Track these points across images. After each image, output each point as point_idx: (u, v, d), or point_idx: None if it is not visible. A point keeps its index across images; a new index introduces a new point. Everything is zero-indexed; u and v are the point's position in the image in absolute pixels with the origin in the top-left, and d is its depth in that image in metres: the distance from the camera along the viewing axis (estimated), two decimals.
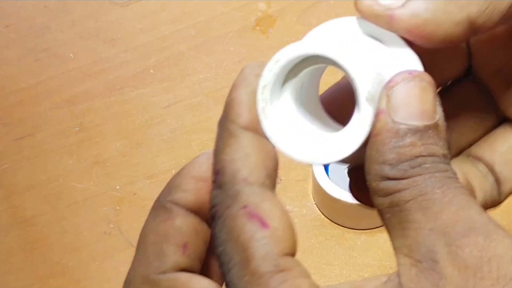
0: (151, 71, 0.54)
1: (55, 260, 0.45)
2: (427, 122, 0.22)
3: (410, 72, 0.23)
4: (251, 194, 0.22)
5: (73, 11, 0.59)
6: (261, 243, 0.21)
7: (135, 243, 0.48)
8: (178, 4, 0.58)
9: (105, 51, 0.56)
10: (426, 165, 0.22)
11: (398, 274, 0.21)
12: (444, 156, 0.22)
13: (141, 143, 0.50)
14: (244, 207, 0.22)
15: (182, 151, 0.49)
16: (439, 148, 0.22)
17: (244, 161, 0.23)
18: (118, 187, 0.48)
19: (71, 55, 0.56)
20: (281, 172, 0.49)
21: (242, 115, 0.23)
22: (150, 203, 0.50)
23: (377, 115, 0.22)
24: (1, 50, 0.57)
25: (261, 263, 0.21)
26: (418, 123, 0.22)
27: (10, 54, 0.57)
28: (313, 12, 0.56)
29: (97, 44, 0.56)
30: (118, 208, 0.47)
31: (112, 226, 0.46)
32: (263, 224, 0.22)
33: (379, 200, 0.22)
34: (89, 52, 0.56)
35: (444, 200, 0.22)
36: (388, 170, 0.22)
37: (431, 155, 0.22)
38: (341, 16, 0.58)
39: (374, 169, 0.22)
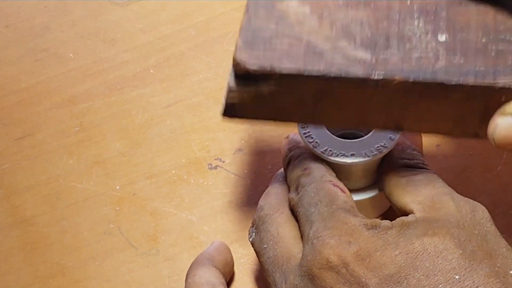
0: (151, 71, 0.54)
1: (55, 260, 0.45)
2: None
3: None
4: (331, 178, 0.38)
5: (73, 11, 0.59)
6: (342, 196, 0.37)
7: (135, 243, 0.49)
8: (178, 4, 0.58)
9: (105, 51, 0.56)
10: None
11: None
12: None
13: (141, 143, 0.50)
14: (330, 181, 0.38)
15: (182, 151, 0.49)
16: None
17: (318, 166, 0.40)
18: (118, 187, 0.48)
19: (71, 55, 0.56)
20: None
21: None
22: (150, 203, 0.51)
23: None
24: (1, 50, 0.57)
25: (342, 203, 0.36)
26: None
27: (10, 54, 0.57)
28: None
29: (97, 44, 0.56)
30: (118, 208, 0.47)
31: (112, 226, 0.46)
32: (342, 190, 0.37)
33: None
34: (89, 52, 0.56)
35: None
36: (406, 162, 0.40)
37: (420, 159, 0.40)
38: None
39: (396, 162, 0.40)
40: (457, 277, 0.32)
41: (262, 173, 0.47)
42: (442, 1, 0.38)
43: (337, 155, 0.40)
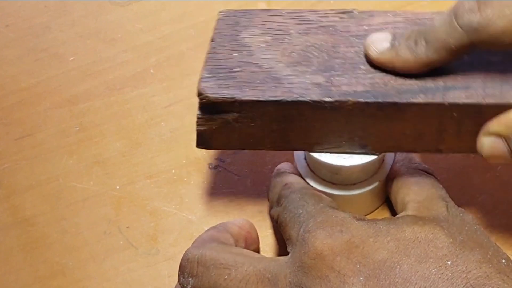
0: (151, 71, 0.54)
1: (55, 260, 0.45)
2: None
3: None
4: (311, 187, 0.40)
5: (73, 11, 0.59)
6: (326, 197, 0.39)
7: (135, 243, 0.49)
8: (178, 4, 0.58)
9: (105, 51, 0.56)
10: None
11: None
12: None
13: (141, 143, 0.50)
14: (312, 188, 0.40)
15: (182, 151, 0.49)
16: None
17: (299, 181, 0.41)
18: (118, 187, 0.48)
19: (71, 56, 0.56)
20: None
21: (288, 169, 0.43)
22: (150, 203, 0.51)
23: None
24: (1, 50, 0.57)
25: (328, 202, 0.38)
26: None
27: (10, 54, 0.57)
28: None
29: (97, 44, 0.56)
30: (118, 208, 0.47)
31: (112, 226, 0.46)
32: (324, 194, 0.39)
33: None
34: (89, 52, 0.56)
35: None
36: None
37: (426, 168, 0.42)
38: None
39: (407, 165, 0.42)
40: (449, 262, 0.32)
41: (262, 173, 0.47)
42: (399, 24, 0.40)
43: (336, 158, 0.40)
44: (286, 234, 0.37)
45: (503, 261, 0.33)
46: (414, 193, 0.39)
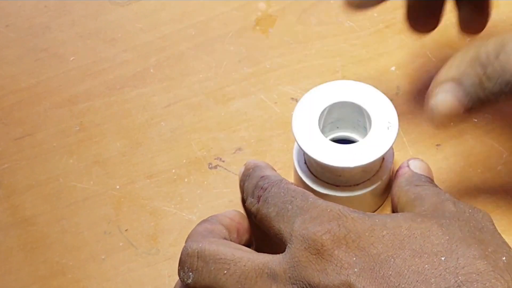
0: (151, 70, 0.54)
1: (55, 260, 0.45)
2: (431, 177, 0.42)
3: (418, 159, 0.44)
4: (290, 181, 0.39)
5: (73, 11, 0.59)
6: (308, 192, 0.38)
7: (135, 243, 0.49)
8: (178, 4, 0.58)
9: (105, 51, 0.56)
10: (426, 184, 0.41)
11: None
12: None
13: (141, 143, 0.50)
14: (291, 183, 0.39)
15: (182, 151, 0.49)
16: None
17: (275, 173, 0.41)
18: (118, 187, 0.48)
19: (71, 56, 0.56)
20: (282, 173, 0.49)
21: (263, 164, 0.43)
22: (150, 203, 0.51)
23: (402, 168, 0.43)
24: (1, 50, 0.57)
25: (314, 197, 0.37)
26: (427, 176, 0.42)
27: (10, 54, 0.57)
28: (313, 12, 0.56)
29: (97, 44, 0.56)
30: (118, 208, 0.47)
31: (112, 225, 0.46)
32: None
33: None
34: (89, 52, 0.56)
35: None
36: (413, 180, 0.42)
37: (429, 181, 0.42)
38: (340, 15, 0.59)
39: (401, 182, 0.42)
40: (443, 258, 0.33)
41: None
42: None
43: (338, 160, 0.40)
44: (273, 229, 0.37)
45: (504, 258, 0.33)
46: (417, 206, 0.39)
